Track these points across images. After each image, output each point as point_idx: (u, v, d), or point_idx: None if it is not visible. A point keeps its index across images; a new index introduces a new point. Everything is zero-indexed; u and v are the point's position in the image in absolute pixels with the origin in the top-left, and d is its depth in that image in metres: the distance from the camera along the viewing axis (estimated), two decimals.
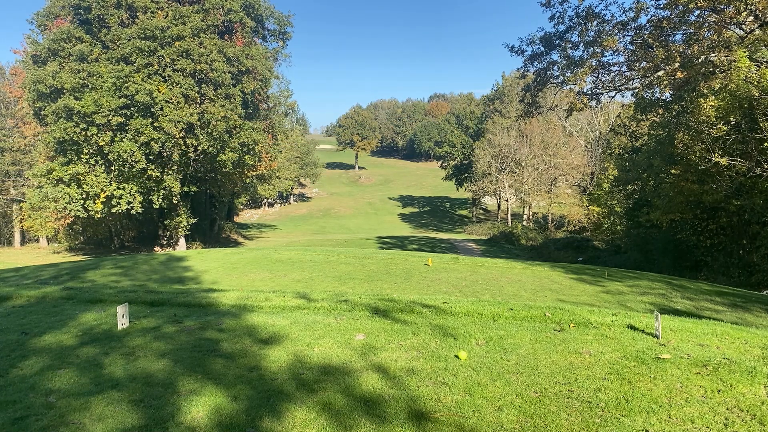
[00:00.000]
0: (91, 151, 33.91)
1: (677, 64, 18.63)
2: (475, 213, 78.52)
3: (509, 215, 66.17)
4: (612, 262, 29.03)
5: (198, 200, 45.61)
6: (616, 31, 21.21)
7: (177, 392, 3.08)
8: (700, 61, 18.32)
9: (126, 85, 32.05)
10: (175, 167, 36.70)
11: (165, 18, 34.23)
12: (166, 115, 32.80)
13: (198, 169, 40.11)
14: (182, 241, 40.43)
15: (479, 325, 4.45)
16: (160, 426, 2.68)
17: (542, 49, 23.35)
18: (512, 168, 61.65)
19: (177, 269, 14.07)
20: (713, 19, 18.79)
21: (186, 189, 38.28)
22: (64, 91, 32.15)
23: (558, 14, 22.39)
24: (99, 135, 32.79)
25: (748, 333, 4.24)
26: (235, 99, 35.96)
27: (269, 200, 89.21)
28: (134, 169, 33.64)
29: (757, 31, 17.55)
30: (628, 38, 21.32)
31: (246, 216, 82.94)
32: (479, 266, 13.59)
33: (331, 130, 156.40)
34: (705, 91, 19.29)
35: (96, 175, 34.18)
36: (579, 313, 4.74)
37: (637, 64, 21.23)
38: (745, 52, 16.46)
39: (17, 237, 51.71)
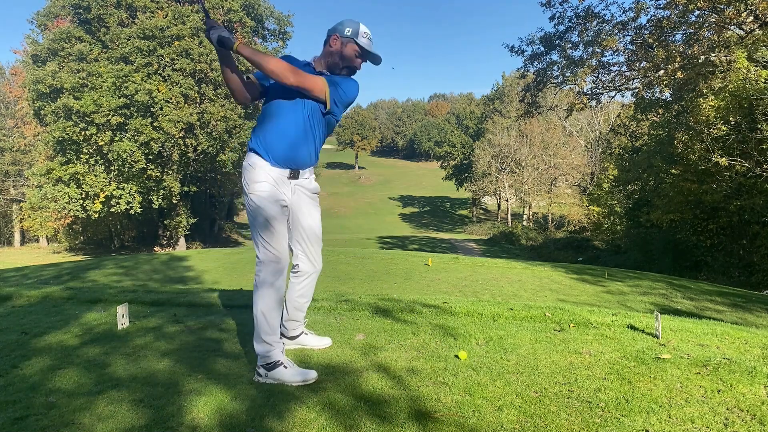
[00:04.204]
0: (90, 150, 33.93)
1: (677, 64, 18.63)
2: (475, 213, 78.49)
3: (509, 215, 66.18)
4: (612, 262, 29.03)
5: (198, 200, 45.61)
6: (616, 31, 21.22)
7: (178, 392, 3.09)
8: (700, 61, 18.32)
9: (125, 84, 32.07)
10: (175, 167, 36.71)
11: (165, 18, 34.25)
12: (166, 115, 32.81)
13: (198, 169, 40.11)
14: (182, 241, 40.45)
15: (479, 325, 4.45)
16: (162, 426, 2.69)
17: (542, 49, 23.38)
18: (512, 168, 61.65)
19: (178, 269, 14.08)
20: (713, 19, 18.80)
21: (186, 189, 38.28)
22: (64, 90, 32.15)
23: (558, 14, 22.43)
24: (98, 135, 32.79)
25: (748, 333, 4.24)
26: None
27: None
28: (134, 169, 33.66)
29: (757, 31, 17.55)
30: (628, 38, 21.34)
31: (246, 216, 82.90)
32: (479, 266, 13.58)
33: None
34: (705, 91, 19.30)
35: (95, 175, 34.20)
36: (579, 313, 4.74)
37: (637, 64, 21.24)
38: (743, 52, 16.46)
39: (17, 237, 51.70)
